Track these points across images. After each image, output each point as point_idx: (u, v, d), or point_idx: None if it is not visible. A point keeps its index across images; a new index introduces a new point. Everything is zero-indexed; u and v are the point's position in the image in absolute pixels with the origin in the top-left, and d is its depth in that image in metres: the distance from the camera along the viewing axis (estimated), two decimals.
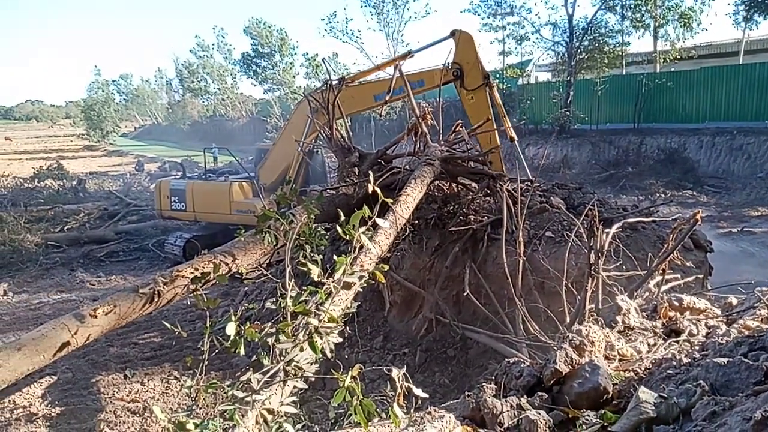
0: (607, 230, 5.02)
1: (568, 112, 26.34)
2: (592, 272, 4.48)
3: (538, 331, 5.01)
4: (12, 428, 6.46)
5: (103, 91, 63.96)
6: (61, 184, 24.99)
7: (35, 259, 14.16)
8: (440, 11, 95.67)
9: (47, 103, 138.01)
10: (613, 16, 27.38)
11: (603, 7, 26.73)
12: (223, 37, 57.04)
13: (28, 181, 26.12)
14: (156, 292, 4.10)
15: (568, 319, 4.68)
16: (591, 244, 4.58)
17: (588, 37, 26.98)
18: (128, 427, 6.51)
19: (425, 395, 2.55)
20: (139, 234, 16.66)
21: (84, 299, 11.02)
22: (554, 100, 27.26)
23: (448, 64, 9.57)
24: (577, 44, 26.86)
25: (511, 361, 3.00)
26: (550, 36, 29.12)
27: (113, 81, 76.66)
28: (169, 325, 3.18)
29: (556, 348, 2.93)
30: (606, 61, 26.85)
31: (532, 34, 30.36)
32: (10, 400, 7.05)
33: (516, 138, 9.93)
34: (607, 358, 3.00)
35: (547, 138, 25.83)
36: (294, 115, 12.25)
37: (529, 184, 8.17)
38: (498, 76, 31.76)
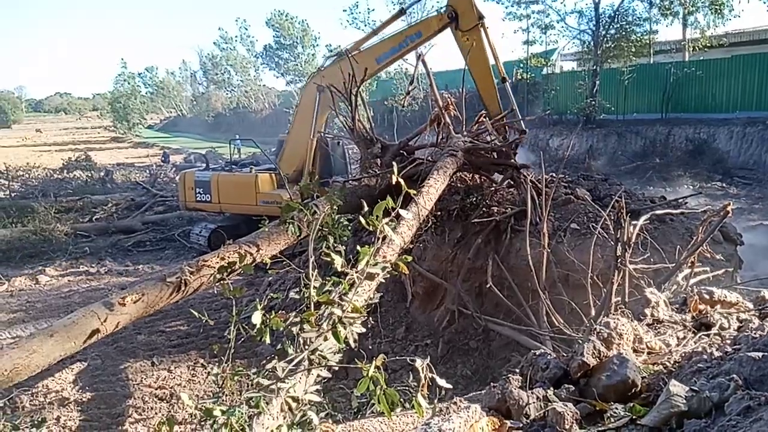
0: (634, 222, 4.93)
1: (593, 102, 25.84)
2: (619, 265, 4.40)
3: (562, 323, 4.96)
4: (46, 411, 6.66)
5: (129, 83, 64.72)
6: (90, 175, 25.56)
7: (65, 249, 14.51)
8: None
9: (75, 96, 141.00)
10: (641, 3, 26.79)
11: None
12: (246, 29, 57.43)
13: (57, 173, 26.77)
14: (183, 281, 4.17)
15: (593, 312, 4.61)
16: (617, 236, 4.50)
17: (615, 26, 26.34)
18: (156, 413, 6.65)
19: (449, 386, 2.54)
20: (165, 224, 16.94)
21: (112, 288, 11.26)
22: (579, 90, 26.74)
23: (442, 8, 10.11)
24: (604, 33, 26.28)
25: (537, 353, 2.97)
26: (576, 24, 28.51)
27: (139, 74, 77.40)
28: (196, 314, 3.22)
29: (581, 340, 2.89)
30: (633, 49, 26.19)
31: (557, 22, 29.70)
32: (43, 385, 7.26)
33: (509, 80, 10.34)
34: (635, 351, 2.95)
35: (572, 128, 25.40)
36: (302, 100, 12.28)
37: (554, 175, 8.09)
38: (522, 65, 31.32)
